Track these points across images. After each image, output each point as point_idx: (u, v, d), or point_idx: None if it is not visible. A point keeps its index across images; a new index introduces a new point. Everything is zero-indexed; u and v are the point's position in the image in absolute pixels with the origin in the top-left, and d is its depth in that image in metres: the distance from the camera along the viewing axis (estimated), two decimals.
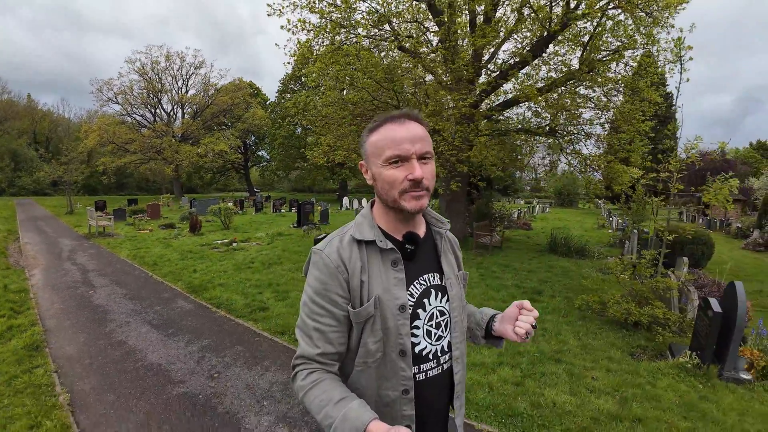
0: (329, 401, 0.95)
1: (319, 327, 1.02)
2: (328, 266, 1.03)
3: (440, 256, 1.17)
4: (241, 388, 3.43)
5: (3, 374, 3.60)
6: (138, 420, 2.99)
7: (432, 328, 1.11)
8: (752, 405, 3.50)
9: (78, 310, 5.50)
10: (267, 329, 4.78)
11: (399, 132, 1.01)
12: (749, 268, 11.38)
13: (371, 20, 9.11)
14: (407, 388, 1.05)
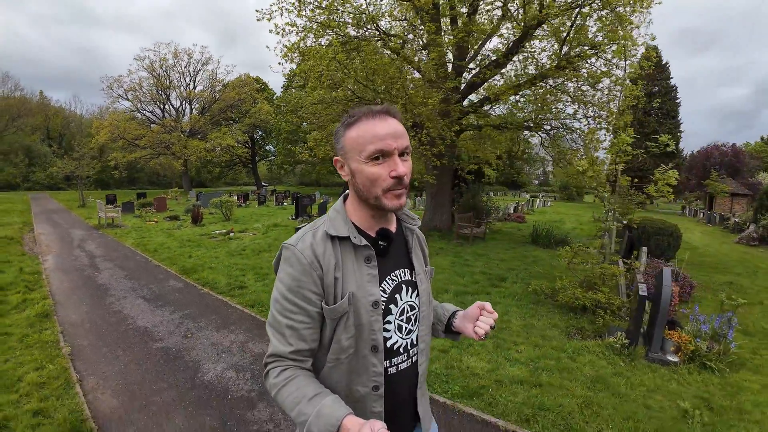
0: (303, 398, 0.96)
1: (292, 324, 1.03)
2: (301, 262, 1.03)
3: (411, 252, 1.20)
4: (207, 344, 4.23)
5: (17, 335, 4.44)
6: (122, 364, 3.80)
7: (403, 322, 1.14)
8: (667, 384, 3.75)
9: (83, 288, 6.36)
10: (241, 303, 5.59)
11: (381, 127, 1.01)
12: (731, 261, 11.68)
13: (357, 20, 9.80)
14: (377, 384, 1.08)
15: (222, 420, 2.93)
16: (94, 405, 3.13)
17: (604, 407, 3.28)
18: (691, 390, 3.66)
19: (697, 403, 3.42)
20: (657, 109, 28.99)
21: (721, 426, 3.12)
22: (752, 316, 6.01)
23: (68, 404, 3.07)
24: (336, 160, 1.11)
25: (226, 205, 15.57)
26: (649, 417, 3.20)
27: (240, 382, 3.49)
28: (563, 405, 3.27)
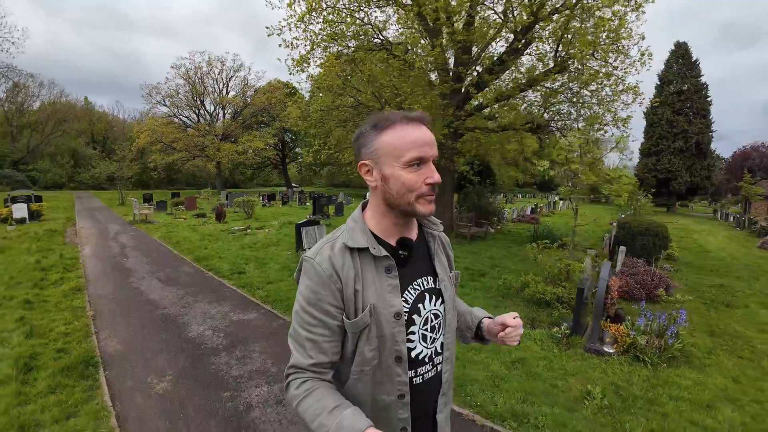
0: (323, 410, 0.97)
1: (312, 337, 1.03)
2: (320, 275, 1.03)
3: (433, 258, 1.19)
4: (199, 313, 5.23)
5: (53, 302, 5.57)
6: (131, 324, 4.84)
7: (427, 332, 1.13)
8: (589, 370, 3.97)
9: (112, 271, 7.55)
10: (235, 284, 6.60)
11: (419, 134, 1.02)
12: (739, 265, 11.59)
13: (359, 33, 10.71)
14: (403, 393, 1.08)
15: (192, 362, 3.88)
16: (103, 348, 4.15)
17: (508, 381, 3.65)
18: (611, 378, 3.86)
19: (607, 389, 3.62)
20: (687, 107, 28.30)
21: (618, 411, 3.31)
22: (729, 318, 6.09)
23: (84, 347, 4.09)
24: (362, 164, 1.08)
25: (248, 204, 16.85)
26: (547, 394, 3.48)
27: (213, 338, 4.45)
28: (476, 378, 3.69)
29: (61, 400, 3.11)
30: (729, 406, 3.50)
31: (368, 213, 1.13)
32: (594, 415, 3.24)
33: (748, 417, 3.37)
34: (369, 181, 1.07)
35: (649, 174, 29.17)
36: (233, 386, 3.42)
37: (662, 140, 28.58)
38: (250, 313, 5.27)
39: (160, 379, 3.53)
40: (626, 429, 3.08)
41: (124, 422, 2.92)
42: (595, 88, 11.25)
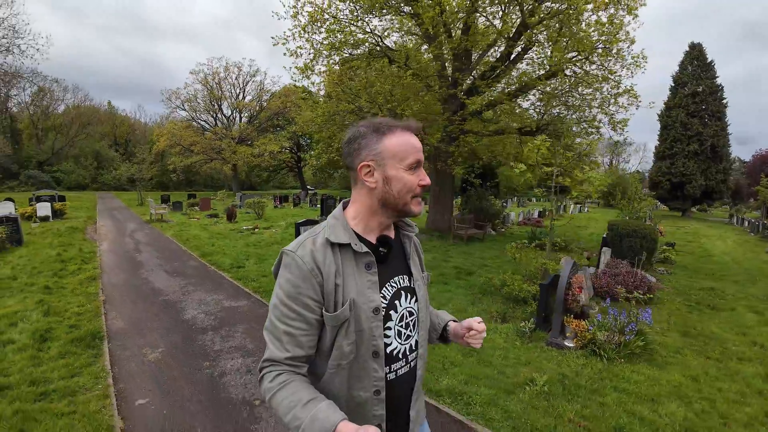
0: (298, 402, 0.98)
1: (289, 330, 1.06)
2: (301, 269, 1.05)
3: (408, 258, 1.25)
4: (195, 299, 5.85)
5: (70, 288, 6.25)
6: (136, 307, 5.48)
7: (402, 328, 1.18)
8: (543, 361, 4.20)
9: (125, 263, 8.26)
10: (233, 277, 7.23)
11: (416, 141, 1.13)
12: (739, 269, 11.54)
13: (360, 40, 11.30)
14: (378, 389, 1.11)
15: (182, 338, 4.47)
16: (109, 326, 4.78)
17: (458, 366, 3.95)
18: (562, 369, 4.03)
19: (553, 378, 3.81)
20: (702, 109, 27.96)
21: (556, 397, 3.50)
22: (709, 320, 6.18)
23: (93, 324, 4.73)
24: (364, 165, 1.11)
25: (259, 205, 17.60)
26: (492, 379, 3.73)
27: (205, 320, 5.05)
28: (429, 361, 3.90)
29: (69, 364, 3.73)
30: (676, 402, 3.58)
31: (351, 212, 1.18)
32: (530, 399, 3.44)
33: (693, 413, 3.43)
34: (369, 182, 1.11)
35: (663, 178, 28.95)
36: (213, 357, 3.99)
37: (676, 143, 28.31)
38: (240, 300, 5.87)
39: (153, 351, 4.12)
40: (557, 413, 3.26)
41: (118, 381, 3.51)
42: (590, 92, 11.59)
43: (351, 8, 10.97)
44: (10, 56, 27.74)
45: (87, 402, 3.13)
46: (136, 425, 2.90)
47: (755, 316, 6.53)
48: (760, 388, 3.93)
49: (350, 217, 1.17)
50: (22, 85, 36.37)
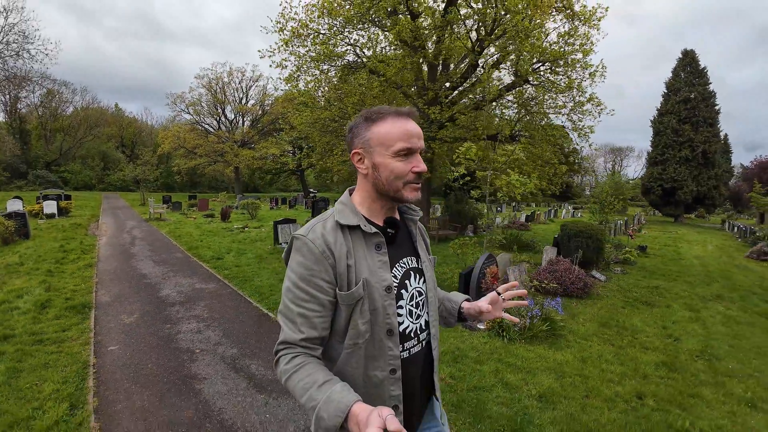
0: (313, 384, 1.01)
1: (304, 312, 1.09)
2: (313, 252, 1.09)
3: (415, 241, 1.31)
4: (173, 282, 6.97)
5: (69, 273, 7.40)
6: (122, 287, 6.60)
7: (413, 307, 1.22)
8: (451, 339, 4.71)
9: (119, 254, 9.42)
10: (210, 266, 8.35)
11: (408, 127, 1.13)
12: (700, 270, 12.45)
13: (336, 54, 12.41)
14: (394, 368, 1.15)
15: (154, 309, 5.58)
16: (98, 299, 5.91)
17: None
18: (462, 345, 4.59)
19: (448, 350, 4.42)
20: (693, 116, 28.68)
21: (443, 365, 4.06)
22: (637, 315, 6.63)
23: (85, 298, 5.85)
24: (355, 152, 1.18)
25: (252, 206, 18.79)
26: None
27: (176, 297, 6.17)
28: None
29: (61, 323, 4.84)
30: (551, 376, 3.98)
31: (357, 197, 1.22)
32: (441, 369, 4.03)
33: (559, 385, 3.82)
34: (360, 168, 1.17)
35: (655, 183, 29.72)
36: (174, 322, 5.09)
37: (668, 149, 29.09)
38: (210, 284, 6.98)
39: (129, 316, 5.23)
40: None
41: (97, 335, 4.61)
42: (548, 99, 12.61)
43: (330, 24, 12.10)
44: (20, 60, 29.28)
45: (71, 346, 4.23)
46: (105, 360, 3.99)
47: (688, 314, 7.04)
48: (647, 373, 4.31)
49: (356, 203, 1.22)
50: (31, 87, 38.13)
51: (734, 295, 9.04)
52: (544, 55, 11.14)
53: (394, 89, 12.28)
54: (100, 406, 3.21)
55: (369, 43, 13.26)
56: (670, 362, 4.64)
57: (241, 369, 3.87)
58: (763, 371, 4.69)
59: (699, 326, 6.29)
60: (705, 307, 7.62)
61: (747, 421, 3.55)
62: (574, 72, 12.06)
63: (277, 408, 3.23)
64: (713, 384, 4.25)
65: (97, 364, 3.91)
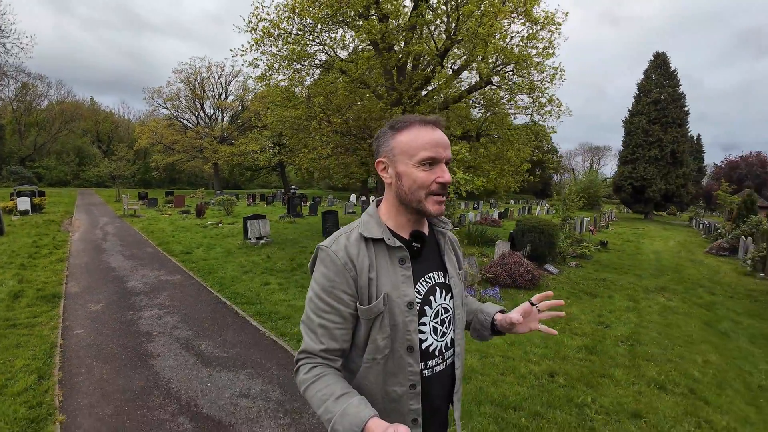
0: (330, 396, 1.03)
1: (324, 324, 1.10)
2: (335, 263, 1.10)
3: (443, 255, 1.28)
4: (140, 275, 7.50)
5: (41, 266, 7.86)
6: (91, 279, 7.11)
7: (438, 324, 1.20)
8: None
9: (91, 249, 9.87)
10: (178, 260, 8.89)
11: (434, 136, 1.11)
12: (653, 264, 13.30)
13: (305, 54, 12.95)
14: (414, 383, 1.13)
15: (119, 298, 6.13)
16: (68, 290, 6.43)
17: None
18: None
19: None
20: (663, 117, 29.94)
21: None
22: (577, 304, 7.19)
23: (56, 289, 6.36)
24: (379, 162, 1.18)
25: (228, 203, 19.22)
26: None
27: (142, 287, 6.73)
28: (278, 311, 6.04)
29: (33, 311, 5.37)
30: (474, 356, 4.43)
31: (383, 208, 1.22)
32: None
33: (480, 364, 4.26)
34: (384, 177, 1.18)
35: (626, 182, 30.97)
36: (137, 309, 5.65)
37: (638, 149, 30.39)
38: (175, 276, 7.53)
39: (96, 305, 5.77)
40: None
41: (65, 320, 5.15)
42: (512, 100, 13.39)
43: (299, 25, 12.62)
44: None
45: (41, 330, 4.78)
46: (71, 342, 4.54)
47: (627, 303, 7.54)
48: (567, 355, 4.69)
49: (383, 214, 1.21)
50: (6, 81, 37.75)
51: (680, 287, 9.69)
52: (507, 57, 11.85)
53: (362, 89, 12.87)
54: (64, 377, 3.78)
55: (341, 43, 13.83)
56: (593, 346, 5.00)
57: (192, 348, 4.47)
58: (684, 357, 5.05)
59: (634, 315, 6.79)
60: (646, 298, 8.14)
61: (653, 401, 3.86)
62: (535, 74, 12.83)
63: (218, 379, 3.83)
64: (628, 366, 4.59)
65: (63, 344, 4.46)
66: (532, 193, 61.19)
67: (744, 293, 9.95)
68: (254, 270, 8.13)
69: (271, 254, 9.72)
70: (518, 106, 13.67)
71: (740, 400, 4.21)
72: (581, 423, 3.39)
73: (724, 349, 5.76)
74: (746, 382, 4.74)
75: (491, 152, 13.92)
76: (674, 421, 3.55)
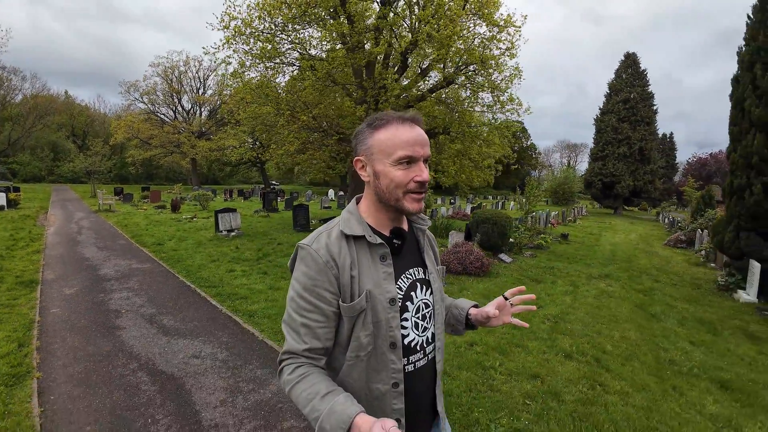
0: (316, 395, 1.04)
1: (306, 323, 1.11)
2: (316, 262, 1.11)
3: (423, 251, 1.31)
4: (113, 264, 8.14)
5: (19, 258, 8.42)
6: (66, 267, 7.73)
7: (419, 320, 1.23)
8: None
9: (66, 242, 10.42)
10: (150, 251, 9.53)
11: (411, 134, 1.11)
12: (605, 254, 14.11)
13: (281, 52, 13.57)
14: (397, 381, 1.16)
15: (92, 284, 6.78)
16: (44, 277, 7.05)
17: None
18: None
19: None
20: (632, 115, 31.32)
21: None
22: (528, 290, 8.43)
23: (33, 276, 6.98)
24: (357, 160, 1.19)
25: (203, 198, 19.78)
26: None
27: (114, 274, 7.38)
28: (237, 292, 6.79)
29: (12, 294, 6.00)
30: None
31: (363, 206, 1.23)
32: None
33: None
34: (363, 176, 1.19)
35: (596, 178, 32.31)
36: (108, 292, 6.33)
37: (608, 146, 31.77)
38: (145, 264, 8.19)
39: (70, 289, 6.43)
40: None
41: (41, 302, 5.81)
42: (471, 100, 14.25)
43: (270, 24, 13.23)
44: None
45: (21, 309, 5.43)
46: (47, 319, 5.21)
47: (567, 287, 8.18)
48: (492, 330, 5.14)
49: (363, 211, 1.22)
50: None
51: (624, 275, 10.35)
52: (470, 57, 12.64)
53: (331, 86, 13.57)
54: (42, 345, 4.46)
55: (310, 42, 14.47)
56: None
57: (155, 322, 5.17)
58: (601, 333, 5.54)
59: (570, 298, 7.44)
60: (587, 284, 8.75)
61: (555, 367, 4.33)
62: (497, 74, 13.70)
63: (174, 345, 4.55)
64: (545, 339, 5.08)
65: (41, 321, 5.13)
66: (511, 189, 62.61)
67: (689, 281, 10.73)
68: (221, 259, 8.81)
69: (240, 245, 10.40)
70: (482, 105, 14.52)
71: (645, 371, 4.60)
72: (483, 381, 4.01)
73: (647, 329, 6.23)
74: (658, 357, 5.13)
75: (452, 149, 14.74)
76: (569, 383, 4.03)
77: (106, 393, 3.54)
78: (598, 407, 3.67)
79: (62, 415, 3.22)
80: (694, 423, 3.66)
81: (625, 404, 3.80)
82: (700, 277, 11.25)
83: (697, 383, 4.52)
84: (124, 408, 3.33)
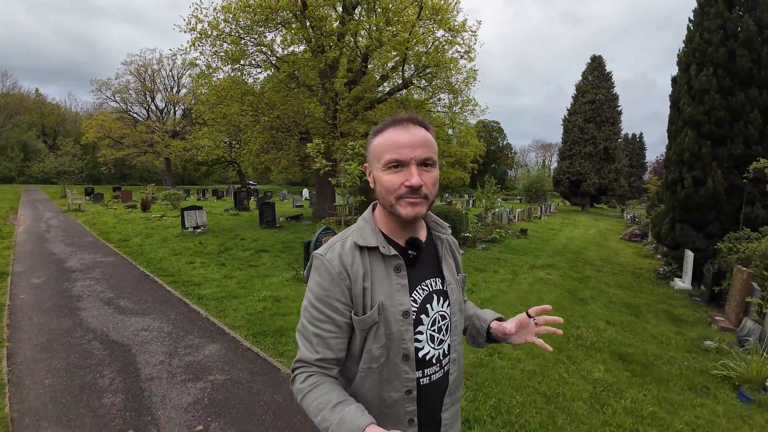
0: (327, 404, 1.04)
1: (319, 333, 1.12)
2: (329, 272, 1.11)
3: (441, 261, 1.28)
4: (79, 258, 8.84)
5: None
6: (35, 261, 8.40)
7: (435, 332, 1.21)
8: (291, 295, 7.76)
9: (35, 240, 11.03)
10: (115, 246, 10.24)
11: (401, 136, 1.08)
12: (558, 247, 14.85)
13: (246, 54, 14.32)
14: (410, 389, 1.16)
15: (58, 274, 7.50)
16: (14, 269, 7.73)
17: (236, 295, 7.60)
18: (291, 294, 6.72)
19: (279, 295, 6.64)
20: (597, 116, 32.87)
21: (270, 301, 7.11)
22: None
23: (4, 269, 7.65)
24: (365, 166, 1.21)
25: (174, 197, 20.38)
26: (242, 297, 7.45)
27: (79, 266, 8.10)
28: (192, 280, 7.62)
29: None
30: None
31: (378, 213, 1.21)
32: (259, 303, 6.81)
33: None
34: (370, 183, 1.18)
35: (564, 176, 33.77)
36: (73, 281, 7.07)
37: (575, 145, 33.27)
38: (110, 257, 8.93)
39: (38, 279, 7.15)
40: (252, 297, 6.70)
41: (11, 290, 6.52)
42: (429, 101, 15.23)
43: (235, 27, 13.96)
44: None
45: None
46: (16, 303, 5.95)
47: (507, 276, 8.73)
48: None
49: (378, 220, 1.21)
50: None
51: (567, 265, 11.07)
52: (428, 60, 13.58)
53: (294, 86, 14.38)
54: (11, 323, 5.22)
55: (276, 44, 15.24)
56: None
57: (113, 304, 5.96)
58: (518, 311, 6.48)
59: (506, 285, 8.09)
60: (527, 273, 9.34)
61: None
62: (454, 76, 14.70)
63: (127, 321, 5.36)
64: None
65: (10, 305, 5.87)
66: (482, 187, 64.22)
67: (631, 271, 11.62)
68: (184, 253, 9.57)
69: (204, 241, 11.16)
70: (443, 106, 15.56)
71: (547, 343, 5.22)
72: None
73: (569, 310, 6.68)
74: (567, 333, 5.57)
75: None
76: (472, 351, 4.46)
77: (63, 357, 4.34)
78: (485, 368, 4.31)
79: (26, 372, 4.01)
80: (574, 386, 4.10)
81: (513, 368, 4.32)
82: (644, 267, 12.10)
83: (595, 355, 4.98)
84: (78, 367, 4.13)
